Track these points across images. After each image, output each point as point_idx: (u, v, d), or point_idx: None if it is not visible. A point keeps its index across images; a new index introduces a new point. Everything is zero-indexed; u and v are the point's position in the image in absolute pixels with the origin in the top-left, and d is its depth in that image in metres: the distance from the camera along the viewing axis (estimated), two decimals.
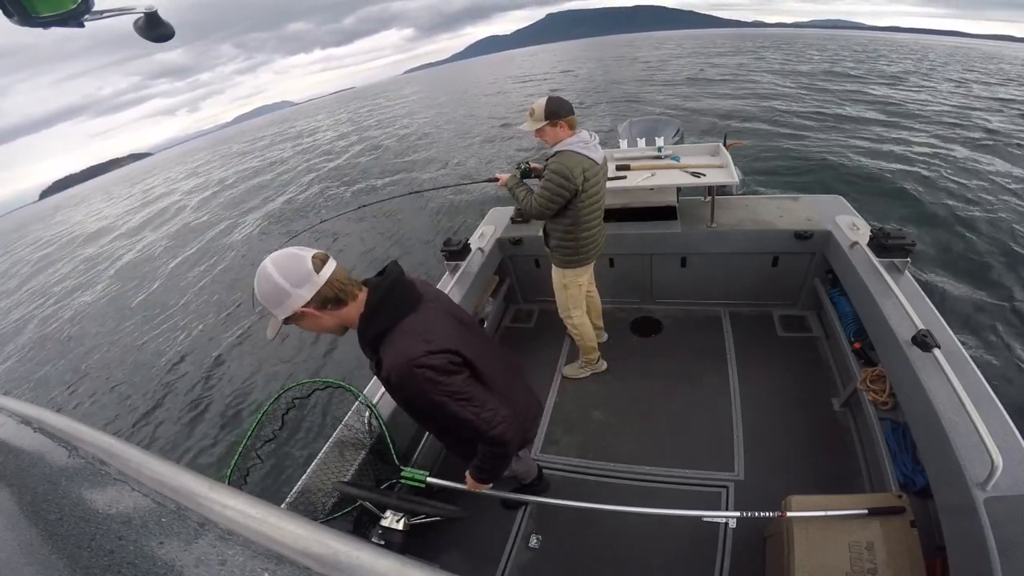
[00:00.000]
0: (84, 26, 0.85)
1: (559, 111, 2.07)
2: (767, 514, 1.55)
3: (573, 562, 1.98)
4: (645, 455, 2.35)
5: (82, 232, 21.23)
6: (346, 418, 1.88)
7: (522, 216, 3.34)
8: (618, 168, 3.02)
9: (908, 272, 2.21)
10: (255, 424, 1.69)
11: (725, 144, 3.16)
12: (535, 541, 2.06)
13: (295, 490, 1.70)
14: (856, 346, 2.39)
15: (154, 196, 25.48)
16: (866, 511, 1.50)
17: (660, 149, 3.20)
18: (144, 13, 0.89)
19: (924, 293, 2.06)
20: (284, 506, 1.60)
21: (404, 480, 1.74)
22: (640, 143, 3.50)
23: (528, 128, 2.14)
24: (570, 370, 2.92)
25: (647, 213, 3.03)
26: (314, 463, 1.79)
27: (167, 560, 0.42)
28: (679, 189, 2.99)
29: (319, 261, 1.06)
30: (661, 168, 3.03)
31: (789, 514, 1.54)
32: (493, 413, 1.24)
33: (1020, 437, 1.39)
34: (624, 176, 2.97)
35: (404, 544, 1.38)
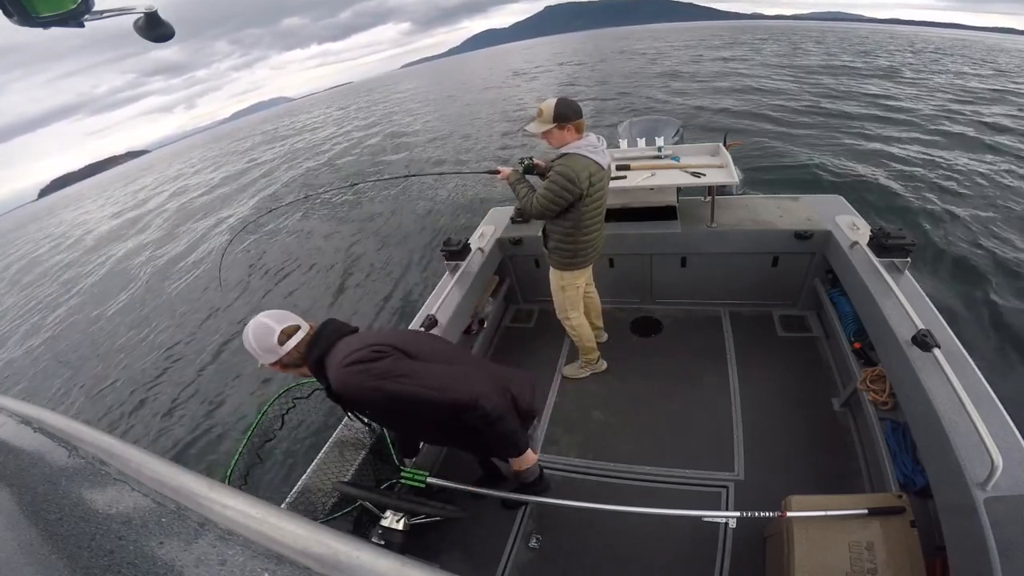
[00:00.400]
0: (84, 26, 0.85)
1: (568, 114, 2.02)
2: (767, 514, 1.55)
3: (573, 562, 1.98)
4: (645, 455, 2.35)
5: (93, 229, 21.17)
6: (346, 418, 1.87)
7: (522, 216, 3.34)
8: (618, 168, 3.02)
9: (908, 272, 2.21)
10: (255, 424, 1.70)
11: (725, 144, 3.16)
12: (535, 541, 2.06)
13: (295, 490, 1.71)
14: (856, 346, 2.39)
15: (161, 191, 25.38)
16: (866, 511, 1.50)
17: (660, 149, 3.20)
18: (144, 13, 0.89)
19: (924, 293, 2.06)
20: (284, 506, 1.61)
21: (404, 480, 1.74)
22: (640, 143, 3.49)
23: (535, 130, 2.09)
24: (570, 370, 2.92)
25: (647, 213, 3.03)
26: (314, 463, 1.79)
27: (167, 560, 0.42)
28: (679, 189, 2.99)
29: (285, 336, 1.31)
30: (661, 168, 3.03)
31: (789, 514, 1.54)
32: (440, 380, 1.29)
33: (1020, 437, 1.40)
34: (624, 176, 2.97)
35: (404, 544, 1.39)
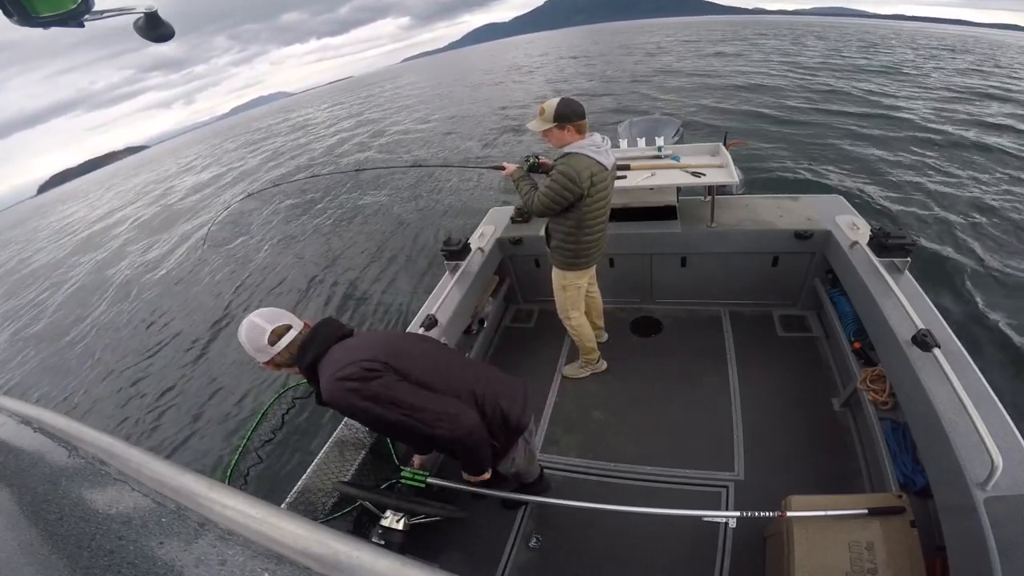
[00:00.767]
0: (84, 26, 0.85)
1: (568, 114, 2.02)
2: (767, 514, 1.55)
3: (573, 562, 1.98)
4: (645, 455, 2.35)
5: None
6: (346, 418, 1.87)
7: (522, 215, 3.34)
8: (618, 168, 3.02)
9: (908, 272, 2.21)
10: (255, 424, 1.70)
11: (725, 144, 3.15)
12: (535, 541, 2.06)
13: (295, 490, 1.71)
14: (856, 346, 2.39)
15: (172, 184, 25.22)
16: (866, 511, 1.50)
17: (660, 149, 3.19)
18: (144, 13, 0.89)
19: (924, 292, 2.06)
20: (284, 506, 1.61)
21: (404, 480, 1.74)
22: (640, 143, 3.49)
23: (535, 128, 2.10)
24: (570, 370, 2.92)
25: (647, 213, 3.03)
26: (314, 463, 1.79)
27: (167, 560, 0.42)
28: (679, 189, 2.99)
29: (275, 336, 1.31)
30: (661, 168, 3.02)
31: (789, 514, 1.54)
32: (429, 415, 1.29)
33: (1020, 437, 1.39)
34: (624, 176, 2.97)
35: (404, 544, 1.39)
